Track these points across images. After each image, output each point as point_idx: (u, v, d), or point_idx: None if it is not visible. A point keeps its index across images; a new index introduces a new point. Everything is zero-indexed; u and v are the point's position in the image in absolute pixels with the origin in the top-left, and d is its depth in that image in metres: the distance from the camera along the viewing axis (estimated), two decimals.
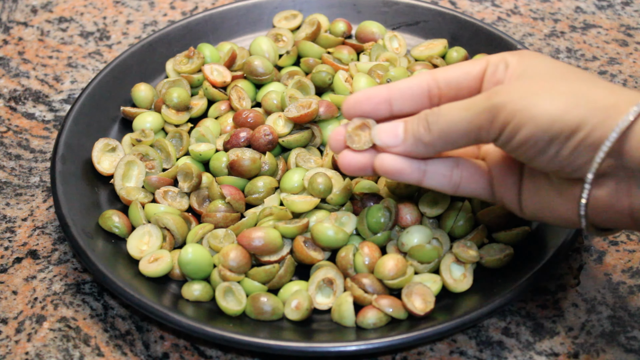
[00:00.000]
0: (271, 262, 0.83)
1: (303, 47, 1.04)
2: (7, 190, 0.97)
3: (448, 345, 0.81)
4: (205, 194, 0.90)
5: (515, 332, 0.81)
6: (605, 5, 1.19)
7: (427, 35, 1.09)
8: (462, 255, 0.82)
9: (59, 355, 0.81)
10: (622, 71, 1.08)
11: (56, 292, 0.86)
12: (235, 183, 0.90)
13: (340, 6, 1.12)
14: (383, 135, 0.75)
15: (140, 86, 1.00)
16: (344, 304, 0.79)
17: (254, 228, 0.84)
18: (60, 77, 1.11)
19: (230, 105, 0.99)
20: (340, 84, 0.98)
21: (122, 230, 0.88)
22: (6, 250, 0.91)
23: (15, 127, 1.04)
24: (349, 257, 0.82)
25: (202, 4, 1.22)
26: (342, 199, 0.87)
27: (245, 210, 0.89)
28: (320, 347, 0.76)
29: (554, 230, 0.83)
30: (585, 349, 0.80)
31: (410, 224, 0.85)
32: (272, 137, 0.91)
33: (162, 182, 0.90)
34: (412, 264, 0.82)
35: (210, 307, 0.82)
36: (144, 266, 0.84)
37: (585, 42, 1.13)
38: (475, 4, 1.20)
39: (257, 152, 0.91)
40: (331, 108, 0.94)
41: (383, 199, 0.86)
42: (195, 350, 0.81)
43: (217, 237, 0.85)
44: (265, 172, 0.91)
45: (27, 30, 1.18)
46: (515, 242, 0.84)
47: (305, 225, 0.84)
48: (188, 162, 0.91)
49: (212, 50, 1.04)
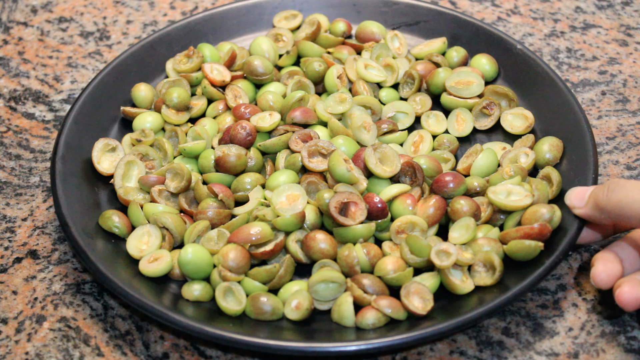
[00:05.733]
0: (267, 253, 0.83)
1: (303, 47, 1.05)
2: (7, 190, 0.97)
3: (448, 345, 0.81)
4: (192, 195, 0.90)
5: (515, 332, 0.81)
6: (605, 5, 1.19)
7: (427, 35, 1.09)
8: (459, 258, 0.82)
9: (59, 355, 0.81)
10: (622, 71, 1.08)
11: (56, 292, 0.86)
12: (222, 180, 0.90)
13: (340, 6, 1.12)
14: (572, 197, 0.83)
15: (140, 86, 1.00)
16: (343, 304, 0.79)
17: (247, 224, 0.84)
18: (60, 77, 1.11)
19: (227, 104, 0.99)
20: (332, 80, 0.98)
21: (122, 230, 0.88)
22: (6, 250, 0.91)
23: (15, 127, 1.04)
24: (352, 254, 0.82)
25: (202, 4, 1.22)
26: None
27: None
28: (320, 347, 0.76)
29: (554, 231, 0.83)
30: (585, 349, 0.80)
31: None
32: (250, 130, 0.91)
33: (155, 181, 0.90)
34: (404, 252, 0.82)
35: (210, 307, 0.82)
36: (144, 266, 0.84)
37: (585, 42, 1.13)
38: (475, 4, 1.20)
39: (242, 148, 0.91)
40: (308, 114, 0.94)
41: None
42: (195, 350, 0.81)
43: (212, 239, 0.85)
44: (252, 167, 0.91)
45: (27, 30, 1.18)
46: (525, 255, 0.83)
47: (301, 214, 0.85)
48: (180, 162, 0.91)
49: (212, 50, 1.04)
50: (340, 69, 1.00)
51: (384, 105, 0.99)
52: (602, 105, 1.04)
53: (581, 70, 1.09)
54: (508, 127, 0.97)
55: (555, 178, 0.88)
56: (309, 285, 0.81)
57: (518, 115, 0.97)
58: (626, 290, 0.77)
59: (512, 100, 0.98)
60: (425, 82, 1.01)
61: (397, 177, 0.89)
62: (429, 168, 0.89)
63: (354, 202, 0.83)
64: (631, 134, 1.00)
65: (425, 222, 0.85)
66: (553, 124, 0.95)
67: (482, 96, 0.99)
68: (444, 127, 0.98)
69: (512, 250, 0.82)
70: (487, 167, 0.91)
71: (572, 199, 0.83)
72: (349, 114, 0.95)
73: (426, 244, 0.82)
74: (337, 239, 0.85)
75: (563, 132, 0.93)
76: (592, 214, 0.81)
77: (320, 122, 0.96)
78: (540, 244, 0.81)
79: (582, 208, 0.82)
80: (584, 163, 0.88)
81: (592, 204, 0.80)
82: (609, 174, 0.96)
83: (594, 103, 1.04)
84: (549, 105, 0.96)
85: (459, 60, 1.04)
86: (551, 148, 0.91)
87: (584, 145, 0.90)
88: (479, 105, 0.98)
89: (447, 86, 0.99)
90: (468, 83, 0.98)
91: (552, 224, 0.83)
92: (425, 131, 0.97)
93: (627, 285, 0.78)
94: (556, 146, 0.92)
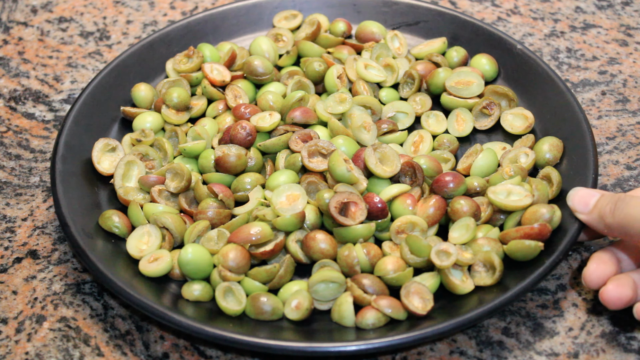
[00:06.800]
0: (267, 253, 0.83)
1: (303, 47, 1.05)
2: (7, 190, 0.97)
3: (448, 345, 0.81)
4: (192, 195, 0.90)
5: (515, 332, 0.81)
6: (605, 5, 1.19)
7: (427, 35, 1.09)
8: (459, 258, 0.82)
9: (59, 355, 0.81)
10: (622, 71, 1.08)
11: (56, 292, 0.86)
12: (222, 180, 0.90)
13: (340, 6, 1.12)
14: (576, 201, 0.81)
15: (140, 86, 1.00)
16: (343, 304, 0.79)
17: (247, 224, 0.84)
18: (60, 77, 1.11)
19: (227, 104, 0.99)
20: (332, 80, 0.98)
21: (122, 230, 0.88)
22: (6, 250, 0.91)
23: (15, 127, 1.04)
24: (352, 254, 0.82)
25: (202, 4, 1.22)
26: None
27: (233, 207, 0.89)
28: (320, 347, 0.76)
29: (554, 231, 0.83)
30: (585, 349, 0.80)
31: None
32: (250, 130, 0.91)
33: (155, 181, 0.90)
34: (404, 252, 0.82)
35: (210, 307, 0.82)
36: (144, 266, 0.84)
37: (585, 42, 1.13)
38: (475, 4, 1.20)
39: (242, 148, 0.91)
40: (308, 114, 0.94)
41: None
42: (195, 350, 0.81)
43: (212, 239, 0.85)
44: (252, 167, 0.91)
45: (27, 30, 1.18)
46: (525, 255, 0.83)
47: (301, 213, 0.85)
48: (180, 162, 0.91)
49: (212, 50, 1.04)
50: (340, 69, 1.00)
51: (384, 105, 0.99)
52: (602, 105, 1.04)
53: (581, 70, 1.09)
54: (508, 127, 0.97)
55: (555, 178, 0.88)
56: (309, 285, 0.81)
57: (518, 115, 0.97)
58: (610, 288, 0.77)
59: (512, 100, 0.98)
60: (425, 82, 1.01)
61: (397, 177, 0.89)
62: (429, 168, 0.89)
63: (354, 202, 0.83)
64: (631, 134, 1.00)
65: (425, 222, 0.85)
66: (553, 124, 0.95)
67: (482, 96, 0.99)
68: (444, 127, 0.98)
69: (512, 250, 0.82)
70: (487, 167, 0.91)
71: (576, 203, 0.82)
72: (349, 114, 0.95)
73: (426, 244, 0.82)
74: (337, 239, 0.85)
75: (563, 132, 0.93)
76: (596, 225, 0.80)
77: (320, 122, 0.96)
78: (540, 244, 0.81)
79: (585, 215, 0.81)
80: (584, 163, 0.88)
81: (597, 216, 0.80)
82: (609, 174, 0.96)
83: (594, 103, 1.04)
84: (549, 105, 0.96)
85: (459, 60, 1.04)
86: (551, 148, 0.91)
87: (584, 145, 0.90)
88: (479, 105, 0.98)
89: (447, 86, 0.99)
90: (468, 83, 0.98)
91: (552, 224, 0.83)
92: (425, 131, 0.97)
93: (613, 283, 0.78)
94: (556, 146, 0.92)
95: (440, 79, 0.99)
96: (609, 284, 0.78)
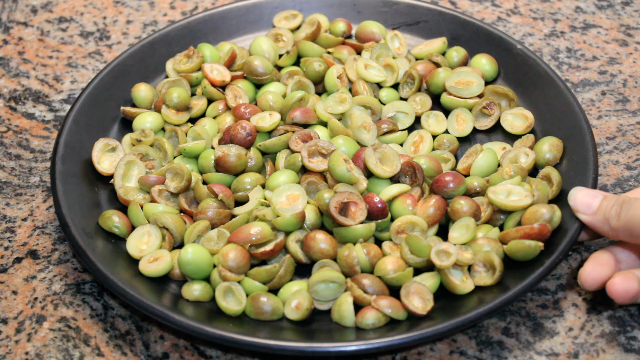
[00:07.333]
0: (267, 253, 0.83)
1: (303, 47, 1.05)
2: (7, 190, 0.97)
3: (448, 345, 0.81)
4: (192, 195, 0.90)
5: (515, 332, 0.81)
6: (605, 5, 1.19)
7: (427, 35, 1.09)
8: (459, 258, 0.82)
9: (59, 355, 0.81)
10: (622, 71, 1.08)
11: (56, 292, 0.86)
12: (222, 180, 0.90)
13: (340, 6, 1.12)
14: (578, 201, 0.80)
15: (140, 86, 1.00)
16: (343, 304, 0.79)
17: (247, 224, 0.84)
18: (60, 77, 1.11)
19: (227, 104, 0.99)
20: (332, 80, 0.98)
21: (122, 230, 0.88)
22: (6, 250, 0.91)
23: (15, 127, 1.04)
24: (352, 254, 0.82)
25: (202, 4, 1.22)
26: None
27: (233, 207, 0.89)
28: (320, 347, 0.76)
29: (554, 231, 0.83)
30: (585, 349, 0.80)
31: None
32: (250, 130, 0.91)
33: (155, 181, 0.90)
34: (404, 252, 0.82)
35: (210, 307, 0.82)
36: (144, 266, 0.84)
37: (585, 42, 1.13)
38: (475, 4, 1.20)
39: (242, 147, 0.91)
40: (308, 114, 0.94)
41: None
42: (195, 350, 0.81)
43: (212, 239, 0.85)
44: (252, 167, 0.91)
45: (27, 30, 1.18)
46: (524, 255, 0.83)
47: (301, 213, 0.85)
48: (180, 162, 0.91)
49: (212, 50, 1.04)
50: (340, 69, 1.00)
51: (384, 105, 0.99)
52: (602, 105, 1.04)
53: (581, 70, 1.09)
54: (508, 127, 0.97)
55: (555, 178, 0.88)
56: (309, 285, 0.81)
57: (518, 115, 0.97)
58: (617, 282, 0.77)
59: (512, 100, 0.98)
60: (425, 82, 1.01)
61: (397, 177, 0.89)
62: (429, 168, 0.89)
63: (354, 202, 0.83)
64: (631, 134, 1.00)
65: (425, 222, 0.85)
66: (553, 124, 0.95)
67: (482, 96, 0.99)
68: (444, 127, 0.98)
69: (512, 250, 0.82)
70: (487, 167, 0.91)
71: (578, 205, 0.81)
72: (349, 114, 0.95)
73: (426, 244, 0.82)
74: (337, 239, 0.85)
75: (563, 132, 0.93)
76: (600, 227, 0.80)
77: (320, 122, 0.96)
78: (540, 244, 0.81)
79: (589, 216, 0.80)
80: (584, 163, 0.88)
81: (602, 218, 0.79)
82: (609, 174, 0.96)
83: (594, 103, 1.04)
84: (549, 105, 0.96)
85: (459, 60, 1.04)
86: (551, 148, 0.91)
87: (584, 145, 0.90)
88: (479, 105, 0.98)
89: (447, 86, 0.99)
90: (468, 83, 0.98)
91: (552, 224, 0.83)
92: (425, 131, 0.97)
93: (620, 277, 0.77)
94: (556, 146, 0.92)
95: (440, 79, 0.99)
96: (615, 277, 0.78)
